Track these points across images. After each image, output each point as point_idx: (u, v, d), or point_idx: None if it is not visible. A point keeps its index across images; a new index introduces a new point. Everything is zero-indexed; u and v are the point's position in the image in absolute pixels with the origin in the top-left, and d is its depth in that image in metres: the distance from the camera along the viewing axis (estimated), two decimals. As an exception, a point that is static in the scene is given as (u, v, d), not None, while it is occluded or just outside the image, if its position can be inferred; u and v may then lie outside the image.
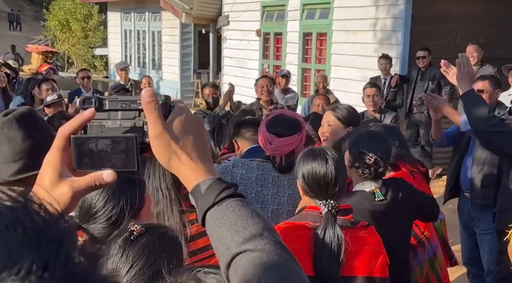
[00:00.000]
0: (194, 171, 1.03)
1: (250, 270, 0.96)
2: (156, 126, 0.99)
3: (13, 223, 0.57)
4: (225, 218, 1.00)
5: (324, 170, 2.50)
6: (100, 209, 1.90)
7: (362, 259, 2.55)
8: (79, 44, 26.75)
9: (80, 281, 0.57)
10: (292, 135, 3.24)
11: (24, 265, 0.54)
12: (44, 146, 2.32)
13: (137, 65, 19.66)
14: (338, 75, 10.86)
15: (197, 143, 1.04)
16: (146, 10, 18.61)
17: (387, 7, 10.14)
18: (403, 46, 9.83)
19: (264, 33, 13.61)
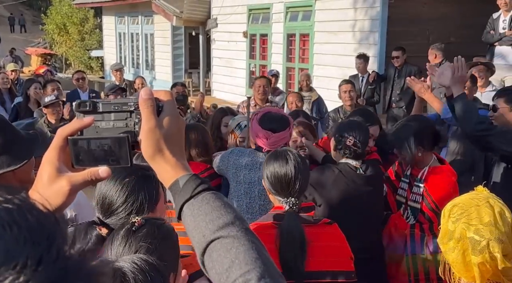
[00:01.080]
0: (174, 167, 1.06)
1: (224, 254, 0.99)
2: (149, 121, 1.02)
3: (9, 223, 0.59)
4: (201, 209, 1.03)
5: (284, 170, 2.53)
6: (121, 204, 1.92)
7: (327, 254, 2.55)
8: (76, 46, 26.64)
9: (71, 273, 0.59)
10: (285, 130, 3.33)
11: (20, 261, 0.56)
12: (7, 147, 2.29)
13: (131, 66, 19.58)
14: (320, 74, 10.87)
15: (179, 142, 1.08)
16: (139, 14, 18.52)
17: (364, 9, 10.18)
18: (380, 45, 9.89)
19: (251, 34, 13.60)
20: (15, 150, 2.35)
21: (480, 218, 1.74)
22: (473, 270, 1.73)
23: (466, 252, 1.74)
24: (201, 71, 16.03)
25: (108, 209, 1.94)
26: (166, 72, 17.34)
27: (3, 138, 2.29)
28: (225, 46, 14.58)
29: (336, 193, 3.30)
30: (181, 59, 17.07)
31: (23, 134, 2.49)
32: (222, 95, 14.54)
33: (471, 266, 1.73)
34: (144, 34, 18.77)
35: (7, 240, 0.58)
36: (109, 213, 1.94)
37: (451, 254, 1.78)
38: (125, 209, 1.92)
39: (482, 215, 1.75)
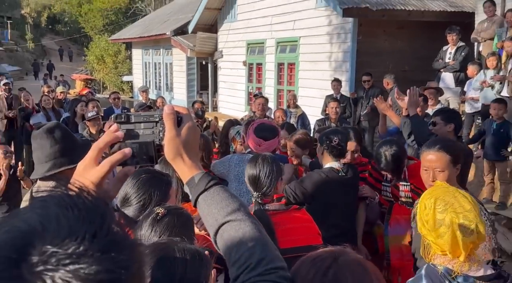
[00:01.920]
0: (190, 167, 1.08)
1: (233, 234, 1.03)
2: (170, 131, 1.05)
3: (71, 206, 0.61)
4: (213, 199, 1.06)
5: (252, 170, 2.58)
6: (134, 195, 1.92)
7: (299, 233, 2.53)
8: (111, 73, 26.57)
9: (118, 244, 0.60)
10: (274, 138, 3.35)
11: (79, 235, 0.57)
12: (68, 149, 2.40)
13: (154, 88, 19.53)
14: (304, 94, 10.87)
15: (194, 147, 1.10)
16: (161, 47, 18.56)
17: (338, 44, 10.22)
18: (351, 72, 9.90)
19: (249, 63, 13.62)
20: (73, 154, 2.37)
21: (463, 207, 1.75)
22: (460, 248, 1.72)
23: (456, 234, 1.71)
24: (210, 92, 16.00)
25: (123, 199, 1.94)
26: (182, 93, 17.31)
27: (65, 144, 2.39)
28: (229, 73, 14.62)
29: (324, 193, 3.29)
30: (194, 83, 17.06)
31: (79, 141, 2.61)
32: (226, 111, 14.54)
33: (459, 245, 1.71)
34: (165, 63, 18.79)
35: (70, 218, 0.59)
36: (124, 202, 1.94)
37: (442, 237, 1.74)
38: (136, 199, 1.92)
39: (463, 204, 1.76)
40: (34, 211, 0.61)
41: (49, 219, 0.58)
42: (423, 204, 1.86)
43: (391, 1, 9.85)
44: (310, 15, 10.88)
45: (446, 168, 2.49)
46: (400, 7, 9.70)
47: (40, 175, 2.35)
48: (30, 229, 0.58)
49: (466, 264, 1.74)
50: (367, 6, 9.35)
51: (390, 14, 9.55)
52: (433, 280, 1.76)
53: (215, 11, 14.79)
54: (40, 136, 2.37)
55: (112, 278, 0.57)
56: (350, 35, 9.86)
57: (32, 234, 0.57)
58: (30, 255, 0.55)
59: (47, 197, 0.64)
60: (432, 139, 2.87)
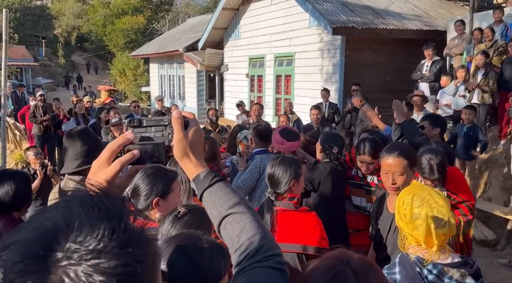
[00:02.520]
0: (196, 165, 1.06)
1: (235, 225, 1.01)
2: (178, 134, 1.03)
3: (92, 205, 0.60)
4: (217, 194, 1.04)
5: (269, 169, 2.56)
6: (140, 186, 1.91)
7: (298, 232, 2.40)
8: (131, 84, 26.54)
9: (134, 240, 0.59)
10: (295, 141, 3.41)
11: (100, 232, 0.57)
12: (94, 150, 2.44)
13: (169, 97, 19.53)
14: (299, 102, 10.88)
15: (199, 148, 1.07)
16: (174, 62, 18.53)
17: (329, 58, 10.24)
18: (339, 83, 9.91)
19: (251, 75, 13.62)
20: (98, 154, 2.46)
21: (437, 202, 1.76)
22: (433, 239, 1.71)
23: (430, 227, 1.71)
24: (217, 100, 16.01)
25: (133, 190, 1.93)
26: (193, 101, 17.31)
27: (92, 146, 2.40)
28: (233, 84, 14.62)
29: (327, 180, 3.31)
30: (203, 93, 17.03)
31: (102, 142, 2.63)
32: (231, 117, 14.47)
33: (432, 236, 1.71)
34: (178, 75, 18.77)
35: (91, 217, 0.58)
36: (133, 192, 1.93)
37: (418, 229, 1.74)
38: (142, 189, 1.91)
39: (437, 200, 1.77)
40: (58, 210, 0.60)
41: (73, 218, 0.58)
42: (401, 199, 1.84)
43: (374, 21, 9.84)
44: (304, 34, 10.88)
45: (405, 172, 2.35)
46: (382, 26, 9.69)
47: (70, 170, 2.38)
48: (55, 227, 0.57)
49: (437, 254, 1.74)
50: (353, 26, 9.35)
51: (373, 32, 9.56)
52: (405, 267, 1.75)
53: (222, 30, 14.81)
54: (73, 137, 2.42)
55: (128, 271, 0.57)
56: (339, 50, 9.86)
57: (57, 232, 0.57)
58: (55, 251, 0.55)
59: (71, 197, 0.63)
60: (391, 144, 2.65)
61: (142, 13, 37.49)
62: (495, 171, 6.51)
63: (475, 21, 8.88)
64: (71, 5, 45.13)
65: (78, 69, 42.23)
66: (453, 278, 1.69)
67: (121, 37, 35.86)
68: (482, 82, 6.91)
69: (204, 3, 46.54)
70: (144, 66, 26.06)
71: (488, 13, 8.73)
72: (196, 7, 44.89)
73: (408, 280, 1.72)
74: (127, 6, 37.86)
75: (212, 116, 7.11)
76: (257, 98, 13.30)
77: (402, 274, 1.74)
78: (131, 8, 37.74)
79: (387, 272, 1.78)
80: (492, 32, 7.57)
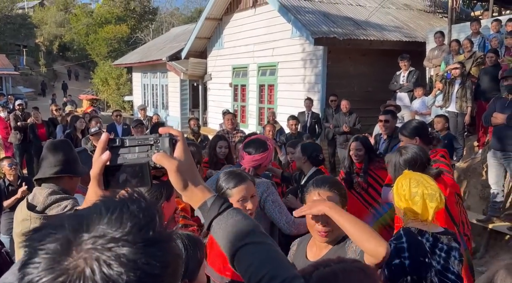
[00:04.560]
0: (202, 192, 0.97)
1: (251, 257, 0.93)
2: (171, 163, 0.93)
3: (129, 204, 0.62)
4: (228, 223, 0.95)
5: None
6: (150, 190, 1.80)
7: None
8: (114, 93, 26.38)
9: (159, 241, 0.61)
10: (258, 154, 2.99)
11: (128, 226, 0.59)
12: (73, 162, 2.43)
13: (152, 106, 19.42)
14: (282, 111, 10.87)
15: (194, 171, 0.98)
16: (158, 71, 18.45)
17: (311, 68, 10.30)
18: (322, 93, 9.94)
19: (234, 85, 13.61)
20: (75, 166, 2.46)
21: (429, 182, 2.15)
22: (428, 212, 2.09)
23: (426, 202, 2.08)
24: (200, 110, 15.99)
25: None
26: (176, 111, 17.22)
27: (71, 157, 2.45)
28: (217, 93, 14.59)
29: None
30: (187, 102, 16.97)
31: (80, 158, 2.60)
32: (215, 126, 14.42)
33: (428, 209, 2.08)
34: (161, 85, 18.69)
35: (125, 213, 0.60)
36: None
37: (416, 204, 2.09)
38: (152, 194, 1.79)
39: (429, 181, 2.16)
40: (95, 205, 0.63)
41: (108, 209, 0.61)
42: (399, 183, 2.19)
43: (355, 32, 9.96)
44: (286, 44, 10.95)
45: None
46: (363, 37, 9.82)
47: (47, 175, 2.38)
48: (88, 217, 0.60)
49: (431, 224, 2.12)
50: (334, 36, 9.45)
51: (354, 43, 9.67)
52: (410, 237, 2.06)
53: (205, 40, 14.81)
54: (55, 145, 2.46)
55: (148, 269, 0.57)
56: (321, 60, 9.93)
57: (89, 220, 0.59)
58: (82, 236, 0.57)
59: (113, 197, 0.66)
60: (320, 177, 2.15)
61: (125, 23, 37.36)
62: (474, 179, 6.60)
63: (453, 33, 9.08)
64: (53, 14, 44.77)
65: (60, 78, 41.69)
66: (443, 243, 2.10)
67: (104, 46, 35.63)
68: (459, 92, 7.04)
69: (188, 13, 46.67)
70: (127, 75, 25.94)
71: (466, 24, 8.94)
72: (180, 17, 44.94)
73: (414, 247, 2.00)
74: (110, 16, 37.71)
75: (193, 126, 7.08)
76: (240, 107, 13.29)
77: (409, 242, 2.01)
78: (114, 17, 37.60)
79: (395, 242, 2.03)
80: (470, 43, 7.73)
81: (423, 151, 2.85)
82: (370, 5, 11.56)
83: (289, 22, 10.33)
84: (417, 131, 3.45)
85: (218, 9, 13.58)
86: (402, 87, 8.23)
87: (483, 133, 7.10)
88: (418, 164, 2.72)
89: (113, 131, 8.33)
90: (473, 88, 7.09)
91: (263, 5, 11.73)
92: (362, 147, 3.98)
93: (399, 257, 2.00)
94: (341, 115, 8.38)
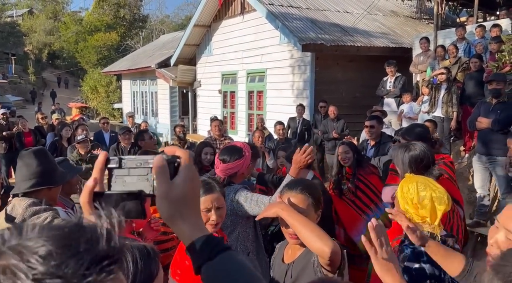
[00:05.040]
0: (190, 228, 0.82)
1: None
2: (161, 186, 0.80)
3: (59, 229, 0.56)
4: (219, 271, 0.81)
5: None
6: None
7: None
8: (103, 101, 26.23)
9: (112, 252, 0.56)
10: (233, 162, 2.82)
11: (49, 247, 0.53)
12: (50, 172, 2.34)
13: (141, 114, 19.35)
14: (271, 118, 10.85)
15: (193, 203, 0.84)
16: (147, 78, 18.41)
17: (299, 74, 10.33)
18: (310, 99, 9.98)
19: (223, 91, 13.62)
20: (53, 176, 2.38)
21: (436, 185, 2.14)
22: (437, 215, 2.08)
23: (434, 205, 2.07)
24: (190, 117, 15.94)
25: None
26: (166, 118, 17.16)
27: (47, 167, 2.38)
28: (206, 100, 14.59)
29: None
30: (176, 109, 16.93)
31: (59, 167, 2.51)
32: (204, 133, 14.37)
33: (436, 212, 2.07)
34: (150, 92, 18.65)
35: (50, 236, 0.55)
36: None
37: (425, 208, 2.07)
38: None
39: (434, 184, 2.16)
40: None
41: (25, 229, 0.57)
42: (405, 187, 2.14)
43: (342, 39, 10.03)
44: (275, 50, 10.99)
45: (309, 212, 1.92)
46: (350, 43, 9.88)
47: (22, 190, 2.31)
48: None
49: (438, 227, 2.10)
50: (322, 43, 9.50)
51: (342, 49, 9.73)
52: None
53: (194, 47, 14.82)
54: (28, 157, 2.35)
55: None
56: (309, 67, 9.97)
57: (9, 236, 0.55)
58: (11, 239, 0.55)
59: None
60: (294, 180, 2.28)
61: (115, 30, 37.26)
62: (460, 184, 6.62)
63: (439, 38, 9.18)
64: (42, 22, 44.56)
65: (49, 86, 41.43)
66: (449, 245, 2.09)
67: (93, 54, 35.49)
68: (445, 97, 7.10)
69: (179, 21, 46.72)
70: (117, 83, 25.86)
71: (452, 30, 9.04)
72: (170, 24, 44.98)
73: None
74: (100, 23, 37.61)
75: (179, 133, 7.05)
76: (230, 114, 13.29)
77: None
78: (104, 25, 37.50)
79: (412, 247, 2.04)
80: (455, 48, 7.80)
81: (430, 151, 2.83)
82: (357, 12, 11.66)
83: (277, 28, 10.37)
84: (420, 136, 3.39)
85: (207, 16, 13.61)
86: (389, 93, 8.27)
87: (469, 138, 7.15)
88: (424, 162, 2.71)
89: (100, 138, 8.26)
90: (459, 93, 7.15)
91: (251, 12, 11.78)
92: (350, 150, 4.00)
93: (418, 261, 2.03)
94: (329, 121, 8.40)
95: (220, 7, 13.04)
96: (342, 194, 3.97)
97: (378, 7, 12.41)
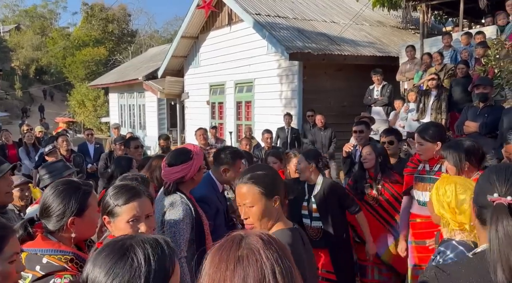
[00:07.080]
0: None
1: None
2: None
3: None
4: None
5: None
6: (51, 205, 1.68)
7: None
8: (91, 115, 26.11)
9: None
10: (178, 165, 2.56)
11: None
12: None
13: (129, 126, 19.18)
14: (260, 128, 10.69)
15: None
16: (134, 91, 18.32)
17: (287, 84, 10.32)
18: (298, 108, 9.97)
19: (212, 102, 13.58)
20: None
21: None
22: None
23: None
24: (178, 129, 15.85)
25: (42, 209, 1.70)
26: (154, 130, 17.01)
27: None
28: (195, 111, 14.52)
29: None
30: (164, 121, 16.84)
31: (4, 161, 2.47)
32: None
33: None
34: (138, 104, 18.54)
35: None
36: (42, 212, 1.70)
37: (464, 213, 1.78)
38: (53, 209, 1.68)
39: (474, 185, 1.88)
40: None
41: None
42: (442, 189, 1.89)
43: (329, 47, 10.06)
44: (262, 60, 10.99)
45: (256, 203, 1.78)
46: (337, 52, 9.91)
47: None
48: None
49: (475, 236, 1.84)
50: (309, 51, 9.51)
51: (329, 58, 9.75)
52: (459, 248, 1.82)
53: (181, 58, 14.80)
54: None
55: None
56: (297, 76, 9.97)
57: None
58: None
59: None
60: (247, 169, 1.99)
61: (103, 45, 37.20)
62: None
63: (425, 47, 9.25)
64: (30, 37, 44.38)
65: (37, 101, 41.03)
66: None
67: (81, 69, 35.31)
68: (434, 104, 7.09)
69: (168, 35, 46.84)
70: (105, 96, 25.76)
71: (438, 38, 9.12)
72: (160, 39, 45.07)
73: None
74: (88, 38, 37.56)
75: (162, 145, 6.95)
76: (218, 125, 13.21)
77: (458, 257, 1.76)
78: (92, 40, 37.47)
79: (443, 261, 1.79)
80: (441, 56, 7.85)
81: (479, 144, 2.84)
82: (343, 22, 11.75)
83: (264, 38, 10.38)
84: (439, 135, 3.16)
85: (194, 28, 13.62)
86: (376, 101, 8.27)
87: (457, 144, 7.12)
88: (481, 152, 2.71)
89: (84, 150, 8.11)
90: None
91: (238, 23, 11.80)
92: (373, 152, 3.78)
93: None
94: (317, 130, 8.35)
95: (207, 18, 13.06)
96: (363, 198, 3.80)
97: (365, 17, 12.52)
